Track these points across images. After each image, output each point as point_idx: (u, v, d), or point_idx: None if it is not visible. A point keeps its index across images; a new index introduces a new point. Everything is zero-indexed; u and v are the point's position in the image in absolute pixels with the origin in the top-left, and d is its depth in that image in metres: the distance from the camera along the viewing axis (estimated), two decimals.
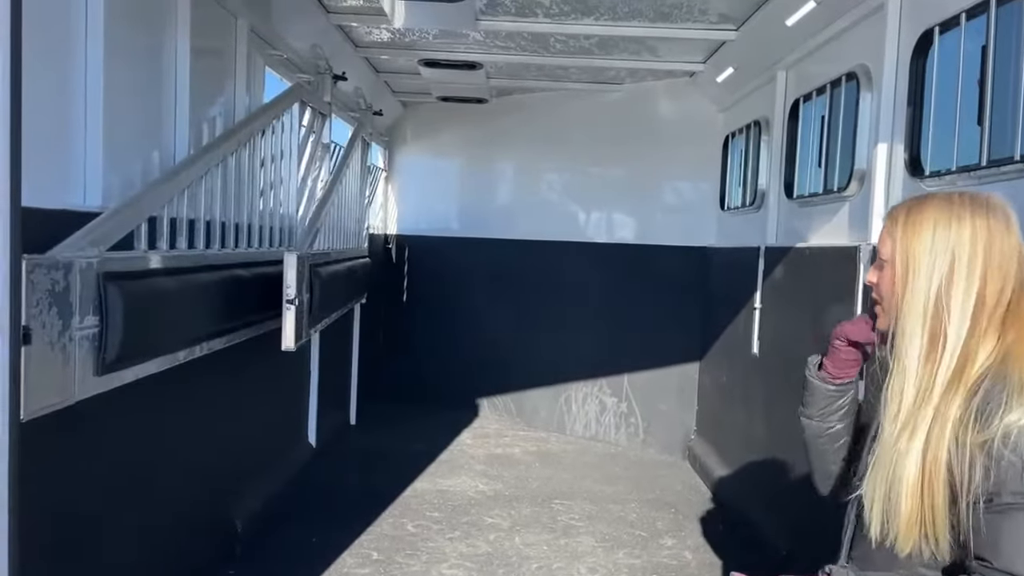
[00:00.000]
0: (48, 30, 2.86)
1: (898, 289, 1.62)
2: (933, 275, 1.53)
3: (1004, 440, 1.38)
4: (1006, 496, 1.37)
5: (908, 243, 1.60)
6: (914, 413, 1.55)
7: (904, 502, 1.53)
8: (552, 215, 8.16)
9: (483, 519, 5.41)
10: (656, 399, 7.63)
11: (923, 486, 1.51)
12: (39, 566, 2.71)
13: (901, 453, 1.55)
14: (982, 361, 1.47)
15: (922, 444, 1.52)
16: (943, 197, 1.60)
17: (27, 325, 2.31)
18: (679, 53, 6.37)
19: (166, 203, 3.22)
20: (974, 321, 1.48)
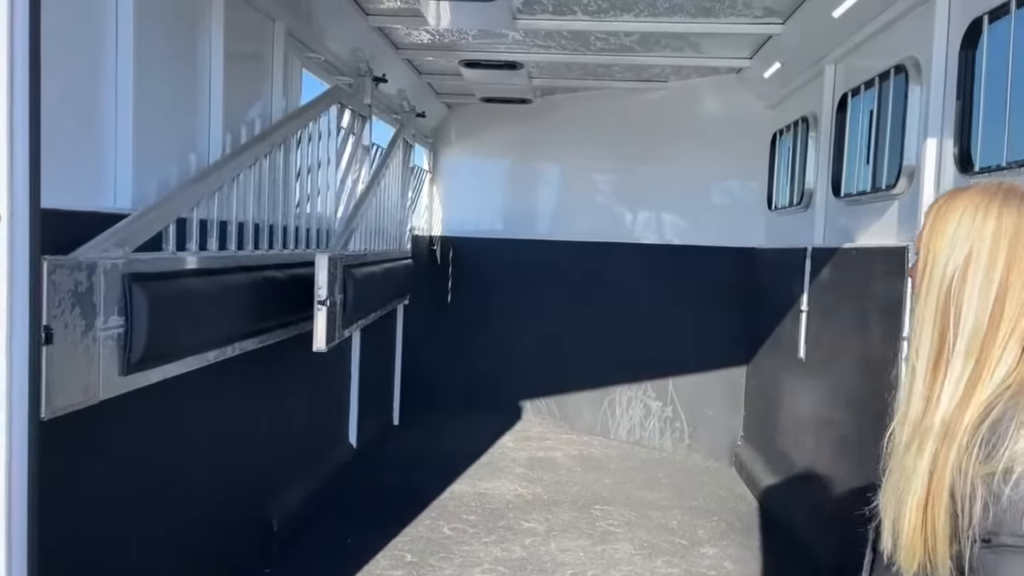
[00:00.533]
0: (79, 36, 2.91)
1: (918, 282, 1.51)
2: (947, 269, 1.41)
3: (1005, 476, 1.25)
4: (1004, 537, 1.25)
5: (932, 234, 1.49)
6: (920, 423, 1.44)
7: (907, 521, 1.42)
8: (598, 215, 8.06)
9: (520, 523, 5.35)
10: (702, 403, 7.45)
11: (926, 508, 1.40)
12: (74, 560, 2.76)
13: (909, 466, 1.44)
14: (1001, 377, 1.33)
15: (928, 464, 1.41)
16: (982, 186, 1.47)
17: (48, 325, 2.34)
18: (724, 49, 6.21)
19: (195, 205, 3.25)
20: (991, 326, 1.35)
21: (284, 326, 4.19)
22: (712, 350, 7.30)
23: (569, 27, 5.53)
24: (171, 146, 3.50)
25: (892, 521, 1.48)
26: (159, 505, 3.35)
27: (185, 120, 3.66)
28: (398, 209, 6.65)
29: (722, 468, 7.07)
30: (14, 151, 2.05)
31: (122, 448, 3.06)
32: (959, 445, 1.32)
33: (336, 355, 5.78)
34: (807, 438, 5.22)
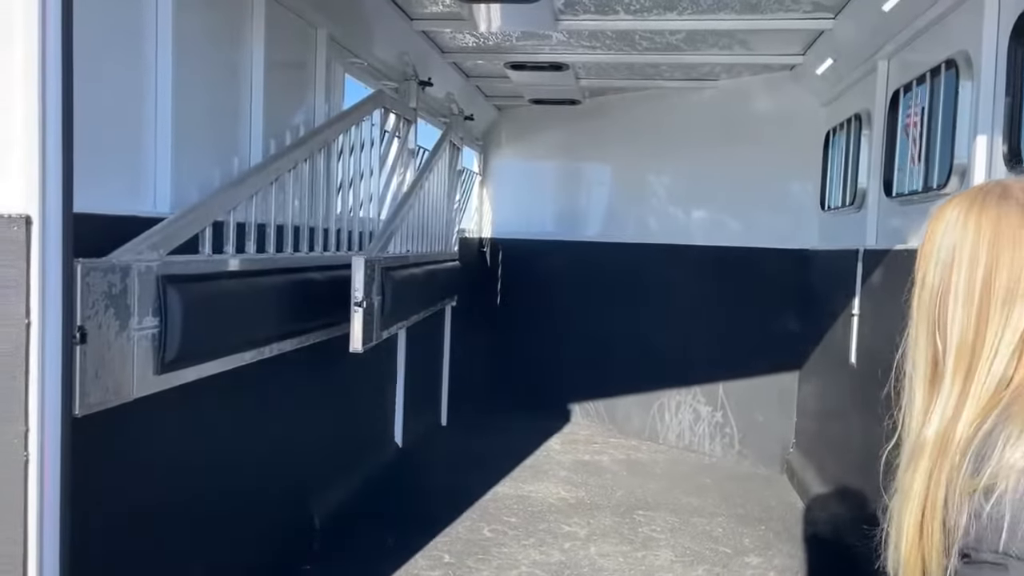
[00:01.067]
0: (120, 45, 3.02)
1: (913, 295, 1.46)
2: (934, 281, 1.35)
3: (987, 492, 1.18)
4: (984, 553, 1.18)
5: (923, 245, 1.43)
6: (917, 440, 1.38)
7: (906, 538, 1.37)
8: (648, 217, 7.96)
9: (560, 527, 5.32)
10: (753, 409, 7.28)
11: (922, 526, 1.34)
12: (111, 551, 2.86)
13: (907, 483, 1.39)
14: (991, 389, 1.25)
15: (924, 481, 1.35)
16: (966, 192, 1.40)
17: (82, 325, 2.43)
18: (775, 45, 6.06)
19: (231, 209, 3.33)
20: (977, 336, 1.27)
21: (324, 327, 4.26)
22: (763, 354, 7.12)
23: (612, 27, 5.47)
24: (211, 152, 3.60)
25: (894, 539, 1.43)
26: (198, 500, 3.45)
27: (226, 126, 3.76)
28: (444, 211, 6.69)
29: (773, 475, 6.90)
30: (46, 157, 2.14)
31: (162, 444, 3.16)
32: (951, 461, 1.26)
33: (381, 356, 5.86)
34: (856, 446, 5.05)
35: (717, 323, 7.38)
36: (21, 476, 2.14)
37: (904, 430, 1.42)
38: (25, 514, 2.15)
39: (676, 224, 7.82)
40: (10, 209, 2.09)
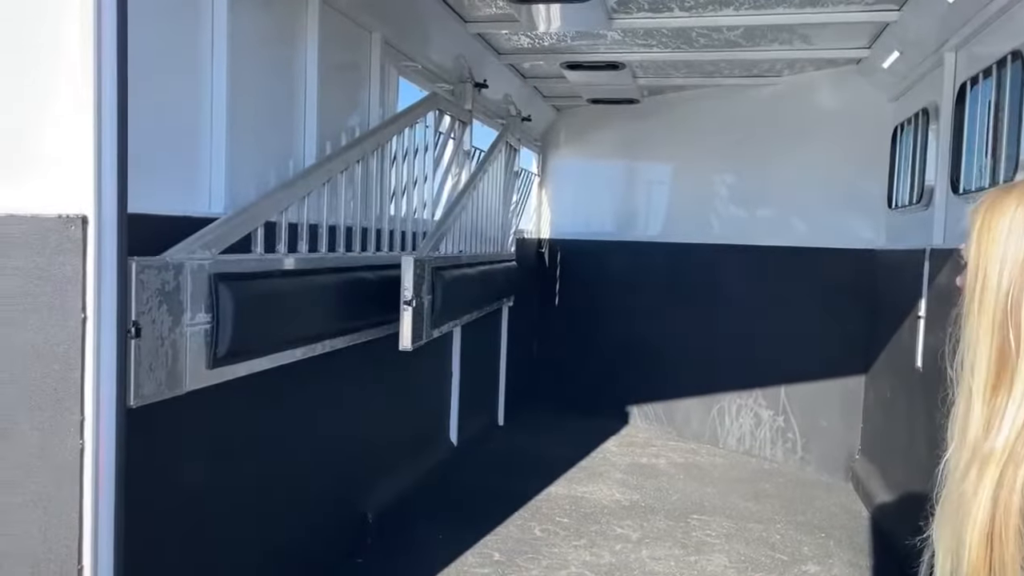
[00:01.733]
0: (177, 51, 3.15)
1: (968, 295, 1.37)
2: (1002, 277, 1.27)
3: None
4: None
5: (981, 240, 1.35)
6: (980, 447, 1.31)
7: (969, 552, 1.29)
8: (709, 216, 7.84)
9: (612, 528, 5.28)
10: (817, 414, 7.08)
11: (992, 535, 1.27)
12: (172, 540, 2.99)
13: (968, 493, 1.31)
14: None
15: (993, 485, 1.28)
16: (1020, 182, 1.33)
17: (137, 320, 2.55)
18: (838, 39, 5.88)
19: (283, 209, 3.43)
20: None
21: (376, 325, 4.34)
22: (828, 358, 6.92)
23: (667, 24, 5.41)
24: (266, 153, 3.71)
25: (950, 553, 1.36)
26: (253, 490, 3.56)
27: (281, 129, 3.87)
28: (500, 212, 6.73)
29: (836, 483, 6.69)
30: (102, 160, 2.24)
31: (217, 436, 3.28)
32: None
33: (436, 354, 5.93)
34: (922, 453, 4.85)
35: (779, 325, 7.20)
36: (77, 463, 2.26)
37: (957, 439, 1.35)
38: (81, 498, 2.26)
39: (738, 224, 7.67)
40: (67, 209, 2.21)
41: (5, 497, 2.25)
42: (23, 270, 2.21)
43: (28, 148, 2.23)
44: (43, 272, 2.21)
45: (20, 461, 2.25)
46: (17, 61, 2.22)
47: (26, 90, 2.22)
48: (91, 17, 2.17)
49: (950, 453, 1.44)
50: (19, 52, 2.22)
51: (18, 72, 2.21)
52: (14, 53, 2.22)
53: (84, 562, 2.27)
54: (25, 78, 2.21)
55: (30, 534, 2.25)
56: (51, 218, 2.19)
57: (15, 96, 2.22)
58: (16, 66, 2.22)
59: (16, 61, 2.22)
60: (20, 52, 2.22)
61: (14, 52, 2.22)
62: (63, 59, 2.19)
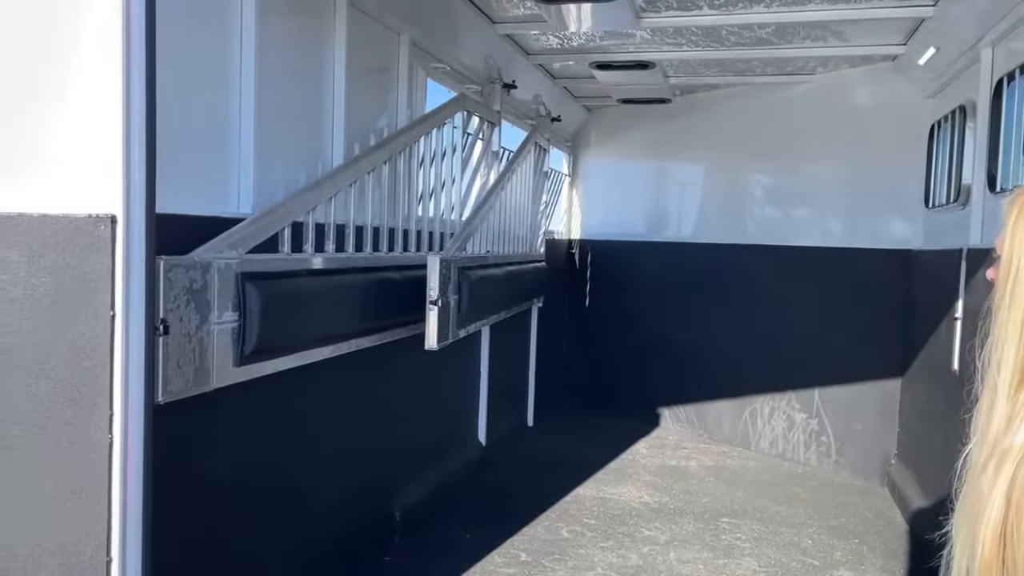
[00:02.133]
0: (205, 54, 3.21)
1: (1001, 288, 1.35)
2: None
3: None
4: None
5: (1014, 233, 1.33)
6: (1000, 443, 1.29)
7: (983, 547, 1.28)
8: (742, 217, 7.75)
9: (640, 531, 5.25)
10: (851, 417, 6.95)
11: (1003, 535, 1.25)
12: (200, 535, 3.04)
13: (985, 489, 1.30)
14: None
15: (1006, 486, 1.26)
16: None
17: (165, 318, 2.60)
18: (873, 35, 5.77)
19: (310, 209, 3.47)
20: None
21: (403, 325, 4.37)
22: (863, 360, 6.79)
23: (697, 23, 5.37)
24: (293, 155, 3.77)
25: (966, 549, 1.34)
26: (278, 488, 3.61)
27: (308, 130, 3.92)
28: (528, 213, 6.73)
29: (872, 488, 6.56)
30: (130, 161, 2.29)
31: (245, 432, 3.33)
32: None
33: (464, 354, 5.96)
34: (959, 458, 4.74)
35: (813, 326, 7.10)
36: (106, 457, 2.31)
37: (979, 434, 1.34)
38: (109, 491, 2.32)
39: (772, 224, 7.58)
40: (97, 209, 2.26)
41: (38, 489, 2.31)
42: (55, 268, 2.27)
43: (59, 149, 2.29)
44: (74, 270, 2.26)
45: (53, 454, 2.31)
46: (47, 62, 2.28)
47: (57, 92, 2.27)
48: (119, 19, 2.22)
49: (970, 448, 1.42)
50: (48, 53, 2.28)
51: (48, 74, 2.28)
52: (44, 54, 2.28)
53: (112, 553, 2.32)
54: (55, 79, 2.27)
55: (61, 525, 2.31)
56: (81, 217, 2.25)
57: (46, 98, 2.28)
58: (46, 68, 2.28)
59: (46, 62, 2.28)
60: (49, 53, 2.28)
61: (44, 53, 2.28)
62: (92, 61, 2.24)
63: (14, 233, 2.26)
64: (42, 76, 2.28)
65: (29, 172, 2.29)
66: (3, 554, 2.30)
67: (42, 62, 2.27)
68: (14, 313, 2.26)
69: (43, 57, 2.27)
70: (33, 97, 2.28)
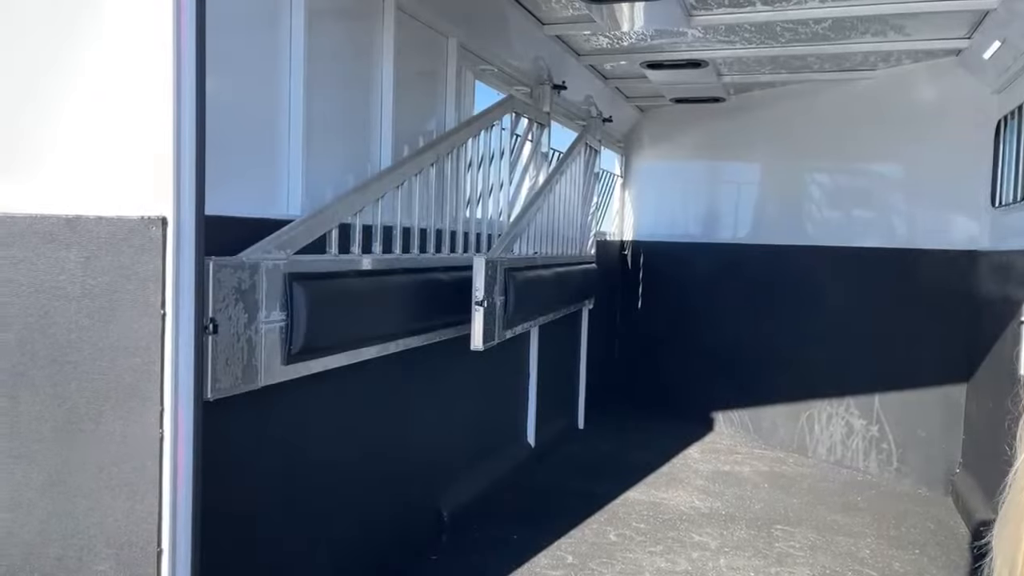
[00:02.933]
0: (255, 57, 3.29)
1: None
2: None
3: None
4: None
5: None
6: None
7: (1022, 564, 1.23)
8: (799, 217, 7.58)
9: (690, 536, 5.17)
10: (914, 424, 6.72)
11: None
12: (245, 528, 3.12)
13: None
14: None
15: None
16: None
17: (214, 317, 2.67)
18: (935, 29, 5.58)
19: (357, 211, 3.52)
20: None
21: (450, 326, 4.40)
22: (925, 365, 6.57)
23: (750, 19, 5.27)
24: (342, 158, 3.83)
25: (1008, 560, 1.29)
26: (326, 485, 3.67)
27: (357, 133, 3.98)
28: (578, 214, 6.70)
29: (935, 497, 6.33)
30: (181, 164, 2.37)
31: (291, 430, 3.40)
32: None
33: (512, 356, 5.97)
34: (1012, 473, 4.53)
35: (873, 330, 6.90)
36: (157, 451, 2.38)
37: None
38: (160, 485, 2.39)
39: (830, 225, 7.38)
40: (149, 211, 2.34)
41: (94, 480, 2.40)
42: (110, 268, 2.35)
43: (113, 154, 2.38)
44: (127, 270, 2.35)
45: (107, 447, 2.40)
46: (101, 71, 2.36)
47: (112, 99, 2.36)
48: (170, 26, 2.29)
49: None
50: (102, 62, 2.36)
51: (103, 82, 2.36)
52: (98, 63, 2.37)
53: (163, 545, 2.39)
54: (110, 87, 2.36)
55: (115, 516, 2.40)
56: (134, 219, 2.33)
57: (102, 105, 2.37)
58: (101, 76, 2.37)
59: (100, 71, 2.37)
60: (103, 62, 2.36)
61: (98, 62, 2.37)
62: (145, 70, 2.32)
63: (72, 234, 2.36)
64: (98, 84, 2.37)
65: (85, 175, 2.38)
66: (59, 543, 2.40)
67: (97, 71, 2.37)
68: (71, 311, 2.35)
69: (97, 66, 2.36)
70: (90, 104, 2.37)
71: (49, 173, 2.42)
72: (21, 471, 2.42)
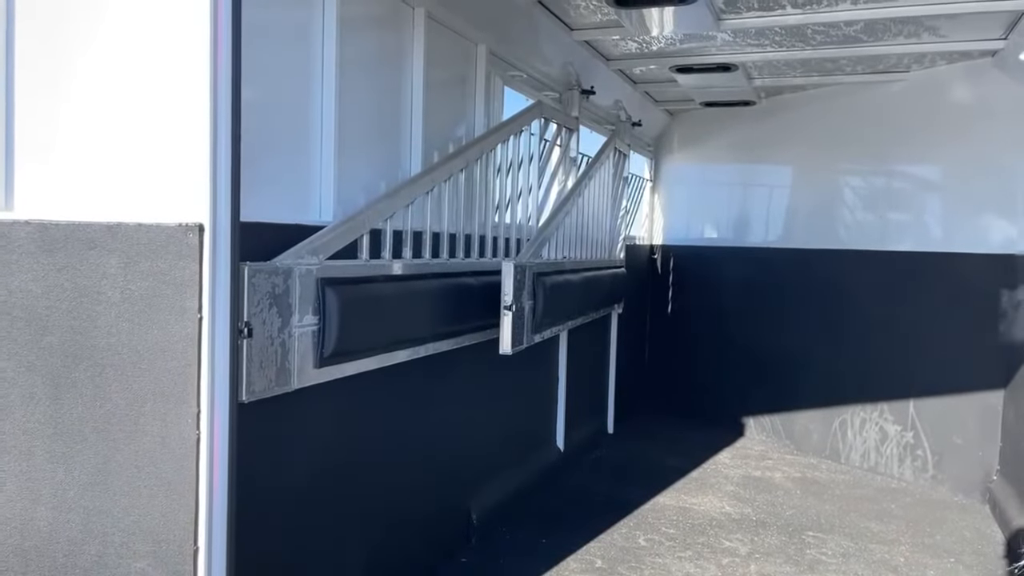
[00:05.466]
0: (290, 72, 3.36)
1: None
2: None
3: None
4: None
5: None
6: None
7: None
8: (830, 221, 7.50)
9: (720, 542, 5.15)
10: (950, 430, 6.61)
11: None
12: (278, 528, 3.19)
13: None
14: None
15: None
16: None
17: (248, 322, 2.74)
18: (969, 30, 5.50)
19: (388, 217, 3.58)
20: None
21: (479, 330, 4.44)
22: (962, 370, 6.46)
23: (780, 22, 5.24)
24: (373, 165, 3.89)
25: None
26: (357, 486, 3.72)
27: (387, 140, 4.04)
28: (608, 218, 6.71)
29: (972, 505, 6.22)
30: (217, 173, 2.43)
31: (324, 431, 3.45)
32: None
33: (542, 360, 5.99)
34: None
35: (908, 335, 6.81)
36: (194, 452, 2.45)
37: None
38: (197, 484, 2.46)
39: (865, 228, 7.30)
40: (186, 218, 2.41)
41: (133, 479, 2.47)
42: (149, 274, 2.43)
43: (151, 162, 2.45)
44: (165, 276, 2.42)
45: (146, 448, 2.47)
46: (142, 82, 2.44)
47: (150, 108, 2.44)
48: (207, 36, 2.36)
49: None
50: (143, 72, 2.44)
51: (144, 92, 2.44)
52: (139, 74, 2.44)
53: (199, 543, 2.45)
54: (150, 97, 2.43)
55: (153, 515, 2.47)
56: (172, 226, 2.40)
57: (140, 114, 2.45)
58: (141, 87, 2.44)
59: (141, 82, 2.44)
60: (144, 72, 2.44)
61: (139, 73, 2.44)
62: (182, 79, 2.39)
63: (113, 240, 2.43)
64: (137, 95, 2.44)
65: (125, 183, 2.46)
66: (99, 540, 2.48)
67: (136, 80, 2.44)
68: (112, 315, 2.43)
69: (136, 75, 2.44)
70: (129, 114, 2.45)
71: (89, 180, 2.51)
72: (64, 471, 2.50)
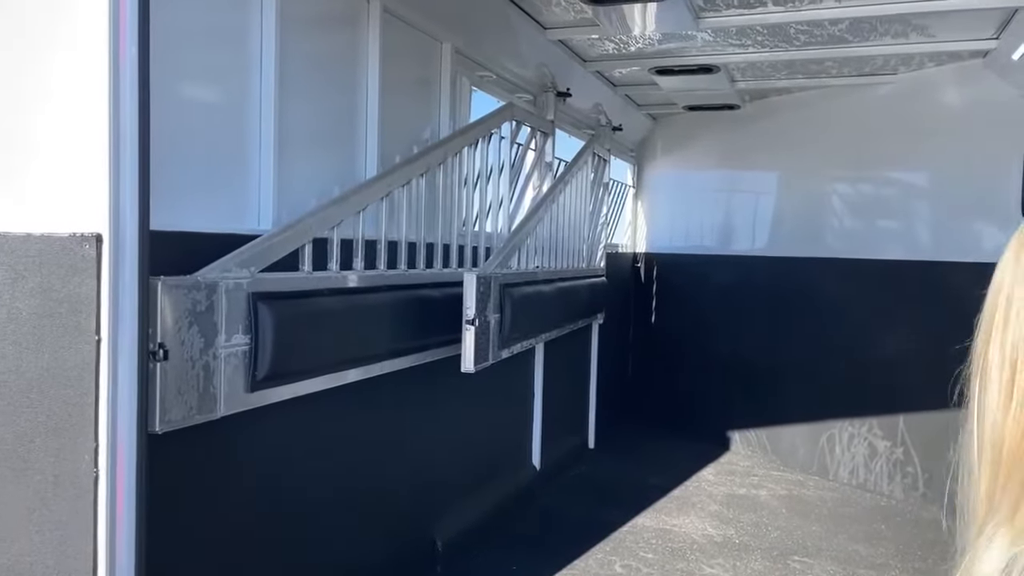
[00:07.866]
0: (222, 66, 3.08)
1: None
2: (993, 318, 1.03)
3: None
4: None
5: None
6: None
7: None
8: (819, 228, 7.26)
9: (701, 567, 4.87)
10: (941, 446, 6.35)
11: None
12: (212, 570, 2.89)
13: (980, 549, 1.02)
14: None
15: None
16: None
17: (163, 343, 2.45)
18: (959, 29, 5.27)
19: (335, 225, 3.30)
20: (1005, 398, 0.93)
21: (442, 345, 4.16)
22: (952, 384, 6.20)
23: (761, 21, 5.00)
24: (323, 171, 3.61)
25: None
26: (307, 515, 3.43)
27: (338, 144, 3.76)
28: (586, 226, 6.45)
29: None
30: (120, 177, 2.15)
31: (268, 460, 3.16)
32: None
33: (515, 374, 5.71)
34: None
35: (898, 347, 6.55)
36: (91, 492, 2.16)
37: None
38: (95, 527, 2.17)
39: (852, 236, 7.06)
40: (81, 227, 2.13)
41: (22, 524, 2.19)
42: (37, 291, 2.14)
43: (43, 164, 2.17)
44: (57, 293, 2.14)
45: (37, 488, 2.19)
46: (27, 73, 2.16)
47: (39, 104, 2.16)
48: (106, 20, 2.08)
49: None
50: (28, 62, 2.16)
51: (29, 84, 2.16)
52: (23, 63, 2.16)
53: None
54: (37, 90, 2.15)
55: (45, 563, 2.18)
56: (64, 236, 2.12)
57: (26, 110, 2.17)
58: (26, 78, 2.16)
59: (25, 72, 2.16)
60: (29, 62, 2.16)
61: (23, 62, 2.16)
62: (76, 68, 2.11)
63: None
64: (22, 87, 2.16)
65: (11, 188, 2.18)
66: None
67: (21, 72, 2.16)
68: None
69: (22, 66, 2.16)
70: (12, 109, 2.17)
71: None
72: None
